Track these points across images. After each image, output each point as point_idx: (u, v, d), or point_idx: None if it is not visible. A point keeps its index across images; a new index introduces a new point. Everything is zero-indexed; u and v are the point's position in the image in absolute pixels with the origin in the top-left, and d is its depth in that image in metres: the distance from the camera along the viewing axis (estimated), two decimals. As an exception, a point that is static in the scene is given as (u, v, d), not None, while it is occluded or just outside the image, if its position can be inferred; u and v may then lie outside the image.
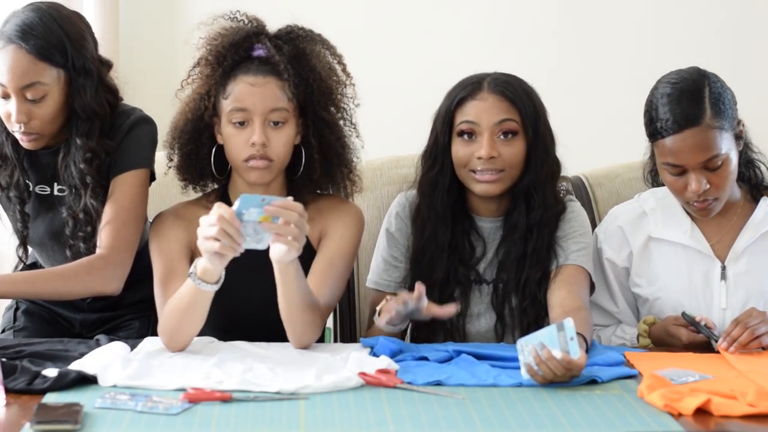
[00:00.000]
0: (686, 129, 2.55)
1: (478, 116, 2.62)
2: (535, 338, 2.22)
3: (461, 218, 2.69)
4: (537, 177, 2.64)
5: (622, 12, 4.08)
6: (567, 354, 2.18)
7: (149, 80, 3.73)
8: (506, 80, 2.65)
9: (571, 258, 2.63)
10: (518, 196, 2.66)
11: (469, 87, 2.65)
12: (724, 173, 2.58)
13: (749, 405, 2.06)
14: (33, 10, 2.56)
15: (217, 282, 2.31)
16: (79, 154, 2.58)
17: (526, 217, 2.64)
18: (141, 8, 3.99)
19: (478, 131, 2.62)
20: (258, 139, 2.49)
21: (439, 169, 2.67)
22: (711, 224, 2.70)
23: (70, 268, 2.56)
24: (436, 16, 4.05)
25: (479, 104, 2.62)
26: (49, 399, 2.06)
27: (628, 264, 2.75)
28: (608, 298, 2.76)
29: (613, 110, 3.99)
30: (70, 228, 2.61)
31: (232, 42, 2.54)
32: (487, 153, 2.60)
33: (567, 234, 2.66)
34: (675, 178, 2.60)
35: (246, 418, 2.00)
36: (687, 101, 2.57)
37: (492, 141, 2.61)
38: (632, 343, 2.67)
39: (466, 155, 2.63)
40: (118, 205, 2.59)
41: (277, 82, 2.52)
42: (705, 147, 2.55)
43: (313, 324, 2.43)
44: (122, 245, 2.58)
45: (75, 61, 2.55)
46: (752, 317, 2.47)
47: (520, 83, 2.67)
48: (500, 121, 2.62)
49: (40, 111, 2.54)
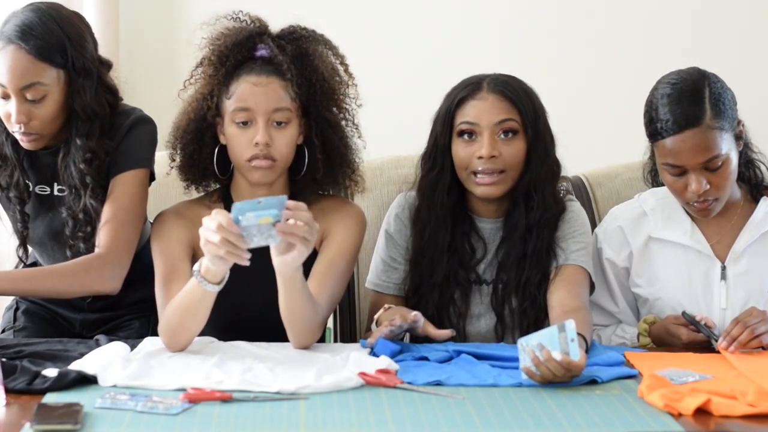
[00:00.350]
0: (686, 130, 2.55)
1: (478, 116, 2.62)
2: (535, 338, 2.22)
3: (461, 220, 2.69)
4: (537, 177, 2.64)
5: (622, 12, 4.08)
6: (567, 355, 2.18)
7: (149, 80, 3.73)
8: (506, 80, 2.66)
9: (571, 258, 2.63)
10: (518, 196, 2.66)
11: (469, 87, 2.65)
12: (725, 174, 2.58)
13: (749, 405, 2.06)
14: (33, 10, 2.56)
15: (221, 282, 2.31)
16: (79, 154, 2.58)
17: (525, 217, 2.64)
18: (141, 8, 3.99)
19: (478, 131, 2.62)
20: (261, 139, 2.48)
21: (439, 170, 2.67)
22: (711, 224, 2.70)
23: (68, 266, 2.56)
24: (435, 16, 4.05)
25: (479, 104, 2.62)
26: (49, 399, 2.06)
27: (628, 264, 2.75)
28: (608, 297, 2.76)
29: (613, 110, 4.00)
30: (69, 228, 2.61)
31: (235, 42, 2.54)
32: (488, 152, 2.59)
33: (567, 234, 2.66)
34: (675, 179, 2.60)
35: (246, 418, 2.00)
36: (687, 102, 2.56)
37: (492, 140, 2.61)
38: (632, 343, 2.67)
39: (466, 156, 2.63)
40: (117, 204, 2.59)
41: (281, 82, 2.52)
42: (705, 148, 2.55)
43: (314, 326, 2.42)
44: (120, 245, 2.58)
45: (75, 62, 2.55)
46: (752, 316, 2.47)
47: (520, 83, 2.67)
48: (500, 120, 2.62)
49: (40, 111, 2.54)
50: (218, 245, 2.21)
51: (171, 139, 2.61)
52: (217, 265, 2.27)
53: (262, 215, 2.20)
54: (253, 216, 2.20)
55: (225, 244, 2.20)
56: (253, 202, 2.21)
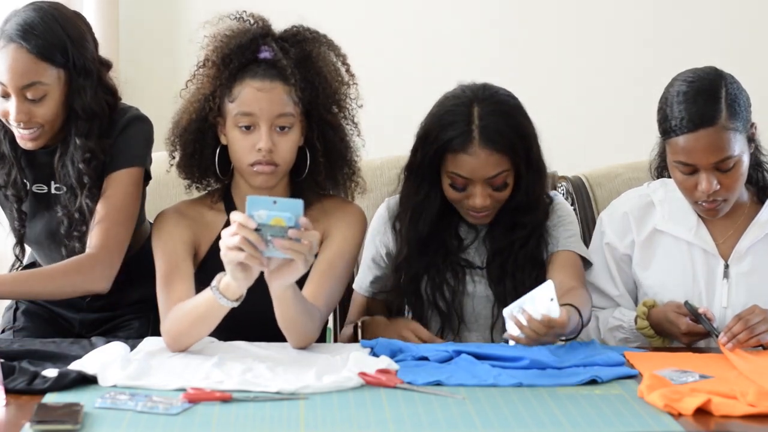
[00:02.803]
0: (701, 129, 2.54)
1: (471, 172, 2.60)
2: (517, 304, 2.28)
3: (449, 216, 2.70)
4: (530, 196, 2.67)
5: (623, 12, 4.08)
6: (547, 314, 2.21)
7: (149, 80, 3.73)
8: (497, 129, 2.59)
9: (562, 244, 2.67)
10: (506, 212, 2.68)
11: (459, 139, 2.59)
12: (735, 175, 2.57)
13: (749, 405, 2.06)
14: (34, 9, 2.56)
15: (238, 300, 2.29)
16: (78, 154, 2.58)
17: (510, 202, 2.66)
18: (141, 8, 3.99)
19: (468, 183, 2.62)
20: (265, 146, 2.48)
21: (425, 196, 2.67)
22: (717, 224, 2.69)
23: (59, 268, 2.56)
24: (435, 16, 4.06)
25: (471, 160, 2.59)
26: (49, 399, 2.06)
27: (630, 252, 2.74)
28: (609, 280, 2.76)
29: (613, 110, 4.00)
30: (65, 227, 2.61)
31: (238, 44, 2.53)
32: (481, 203, 2.62)
33: (555, 223, 2.70)
34: (685, 177, 2.59)
35: (246, 418, 2.00)
36: (703, 101, 2.55)
37: (484, 192, 2.62)
38: (629, 326, 2.67)
39: (458, 199, 2.65)
40: (110, 203, 2.59)
41: (284, 86, 2.50)
42: (719, 148, 2.54)
43: (310, 332, 2.42)
44: (111, 244, 2.57)
45: (76, 61, 2.55)
46: (754, 314, 2.46)
47: (512, 122, 2.62)
48: (493, 175, 2.61)
49: (40, 111, 2.54)
50: (238, 248, 2.17)
51: (171, 137, 2.60)
52: (238, 277, 2.22)
53: (275, 216, 2.16)
54: (266, 214, 2.16)
55: (245, 245, 2.17)
56: (268, 199, 2.17)
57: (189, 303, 2.37)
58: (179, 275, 2.47)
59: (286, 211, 2.17)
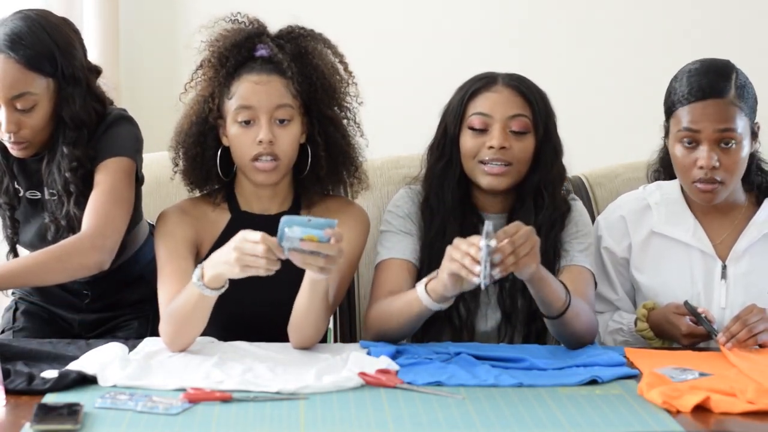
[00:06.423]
0: (709, 98, 2.56)
1: (491, 108, 2.61)
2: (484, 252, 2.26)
3: (469, 214, 2.68)
4: (546, 177, 2.63)
5: (623, 13, 4.08)
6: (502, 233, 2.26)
7: (149, 83, 3.73)
8: (521, 77, 2.66)
9: (575, 259, 2.62)
10: (525, 195, 2.64)
11: (483, 80, 2.65)
12: (735, 157, 2.58)
13: (748, 402, 2.07)
14: (21, 18, 2.54)
15: (222, 287, 2.31)
16: (65, 162, 2.55)
17: (534, 216, 2.62)
18: (141, 9, 3.99)
19: (490, 123, 2.61)
20: (265, 137, 2.48)
21: (447, 161, 2.66)
22: (714, 225, 2.70)
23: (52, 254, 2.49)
24: (435, 16, 4.06)
25: (493, 96, 2.62)
26: (49, 399, 2.06)
27: (628, 255, 2.75)
28: (607, 285, 2.76)
29: (613, 111, 4.00)
30: (51, 233, 2.58)
31: (234, 43, 2.54)
32: (499, 143, 2.58)
33: (571, 235, 2.65)
34: (686, 153, 2.59)
35: (246, 418, 2.00)
36: (714, 75, 2.59)
37: (504, 132, 2.60)
38: (629, 328, 2.67)
39: (475, 146, 2.61)
40: (99, 189, 2.55)
41: (281, 80, 2.52)
42: (724, 118, 2.56)
43: (320, 327, 2.43)
44: (102, 222, 2.51)
45: (64, 70, 2.53)
46: (752, 314, 2.47)
47: (534, 84, 2.67)
48: (513, 115, 2.61)
49: (29, 120, 2.52)
50: (259, 257, 2.20)
51: (173, 143, 2.60)
52: (237, 275, 2.26)
53: (308, 232, 2.20)
54: (300, 230, 2.19)
55: (267, 254, 2.20)
56: (303, 218, 2.21)
57: (176, 302, 2.37)
58: (181, 274, 2.47)
59: (320, 228, 2.21)
